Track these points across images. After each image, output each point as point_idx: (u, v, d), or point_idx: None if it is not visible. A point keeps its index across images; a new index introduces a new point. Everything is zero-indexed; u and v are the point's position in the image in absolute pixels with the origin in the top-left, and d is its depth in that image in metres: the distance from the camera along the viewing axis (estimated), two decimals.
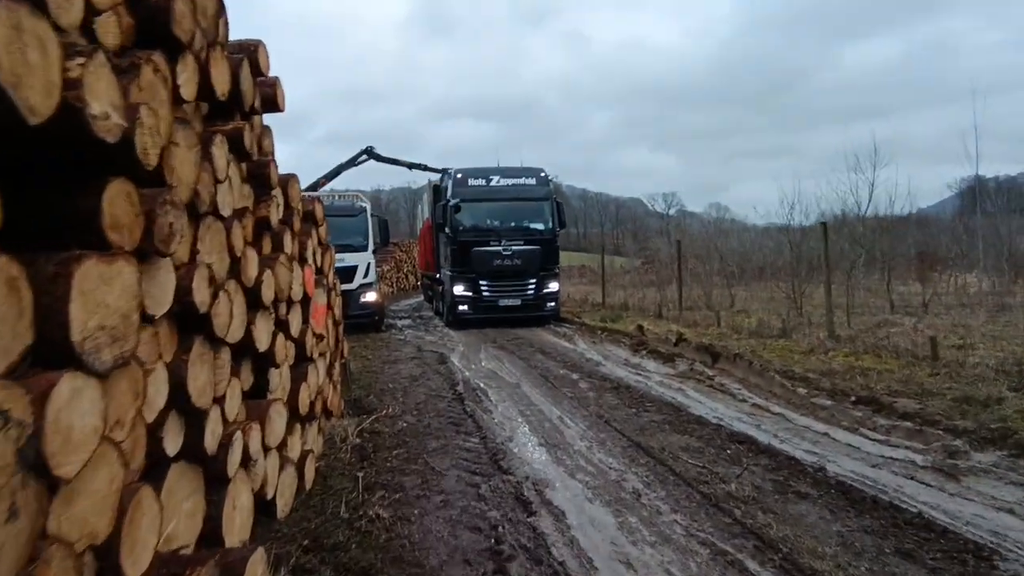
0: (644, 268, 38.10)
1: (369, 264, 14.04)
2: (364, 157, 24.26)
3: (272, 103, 4.25)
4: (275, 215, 3.94)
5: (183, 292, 2.56)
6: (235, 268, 3.19)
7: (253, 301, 3.42)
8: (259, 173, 3.84)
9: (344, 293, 14.03)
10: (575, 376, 8.17)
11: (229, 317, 2.92)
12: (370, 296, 13.91)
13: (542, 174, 14.76)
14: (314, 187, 21.72)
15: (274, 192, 4.00)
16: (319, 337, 5.02)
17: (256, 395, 3.68)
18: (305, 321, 4.69)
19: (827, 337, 8.70)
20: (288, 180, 4.56)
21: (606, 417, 6.05)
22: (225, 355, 3.02)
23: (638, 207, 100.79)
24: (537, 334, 12.80)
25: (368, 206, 14.76)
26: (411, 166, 25.31)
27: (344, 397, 6.64)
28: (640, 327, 11.40)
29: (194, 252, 2.73)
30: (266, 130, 4.31)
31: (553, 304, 14.52)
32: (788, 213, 15.59)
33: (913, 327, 9.26)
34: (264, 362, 3.71)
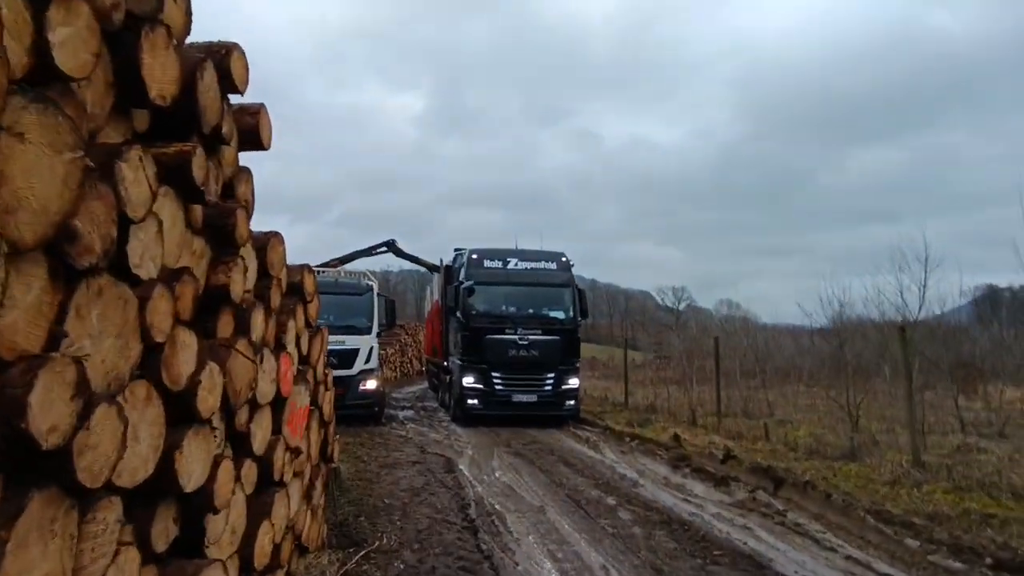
0: (659, 363, 36.64)
1: (372, 348, 12.82)
2: (384, 249, 23.06)
3: (253, 137, 3.20)
4: (239, 283, 2.77)
5: (13, 409, 1.38)
6: (151, 361, 1.99)
7: (184, 412, 2.20)
8: (221, 224, 2.71)
9: (342, 380, 12.78)
10: (611, 500, 6.70)
11: (118, 446, 1.68)
12: (371, 384, 12.58)
13: (563, 258, 13.77)
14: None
15: (242, 252, 2.85)
16: (295, 452, 3.72)
17: (188, 548, 2.39)
18: (277, 430, 3.43)
19: (911, 464, 7.27)
20: (269, 241, 3.43)
21: (667, 572, 4.59)
22: (109, 512, 1.76)
23: (646, 299, 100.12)
24: (556, 438, 11.32)
25: (375, 285, 13.72)
26: (432, 268, 24.02)
27: (327, 520, 5.23)
28: (676, 437, 9.95)
29: (54, 334, 1.53)
30: (243, 172, 3.23)
31: (573, 403, 13.10)
32: (825, 311, 14.38)
33: (1008, 456, 7.84)
34: (199, 504, 2.42)
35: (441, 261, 16.68)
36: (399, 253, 23.33)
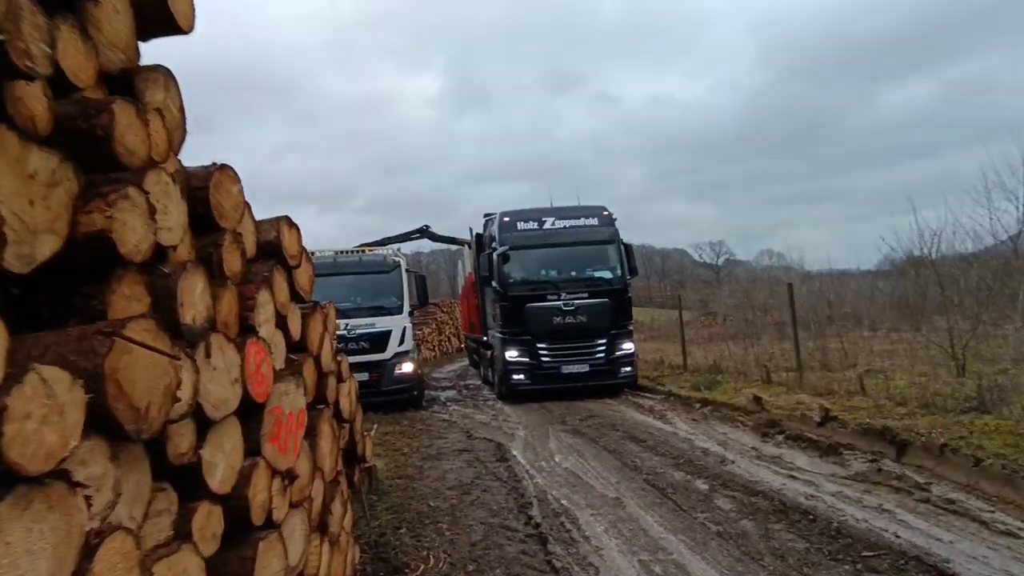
0: (705, 320, 35.06)
1: (405, 329, 11.81)
2: (417, 235, 22.02)
3: (161, 11, 2.06)
4: (136, 230, 1.63)
5: None
6: None
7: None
8: (87, 130, 1.59)
9: (375, 365, 11.85)
10: (701, 484, 5.53)
11: None
12: (407, 367, 11.60)
13: (605, 212, 12.44)
14: None
15: (148, 184, 1.72)
16: (288, 476, 2.64)
17: None
18: (255, 451, 2.34)
19: None
20: (212, 176, 2.30)
21: None
22: None
23: (683, 257, 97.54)
24: (616, 409, 10.18)
25: (403, 262, 12.63)
26: (468, 245, 22.87)
27: (359, 539, 4.21)
28: (757, 399, 8.70)
29: None
30: (153, 70, 2.10)
31: (629, 369, 11.90)
32: (919, 244, 12.74)
33: None
34: None
35: (471, 231, 15.53)
36: (434, 237, 22.24)
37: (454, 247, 25.74)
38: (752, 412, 8.47)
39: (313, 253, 13.00)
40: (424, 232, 22.07)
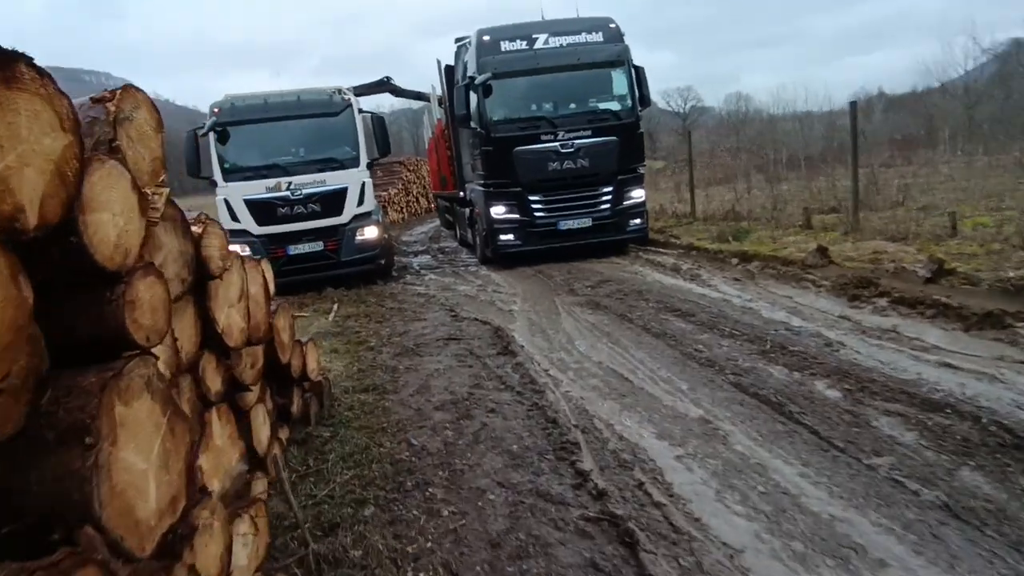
0: (679, 166, 32.96)
1: (364, 185, 9.41)
2: (378, 88, 18.24)
3: None
4: None
5: None
6: None
7: None
8: None
9: (330, 231, 9.53)
10: (824, 387, 3.64)
11: None
12: (370, 232, 9.37)
13: (611, 25, 9.66)
14: None
15: None
16: None
17: None
18: None
19: None
20: None
21: None
22: None
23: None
24: (632, 271, 8.23)
25: (356, 102, 9.87)
26: (440, 101, 19.04)
27: (290, 544, 2.28)
28: (822, 249, 6.76)
29: None
30: None
31: (639, 221, 9.83)
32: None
33: None
34: None
35: (439, 63, 12.51)
36: (396, 91, 18.39)
37: (417, 105, 22.19)
38: (816, 266, 6.59)
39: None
40: (385, 84, 18.30)
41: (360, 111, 9.70)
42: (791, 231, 8.98)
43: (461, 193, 11.63)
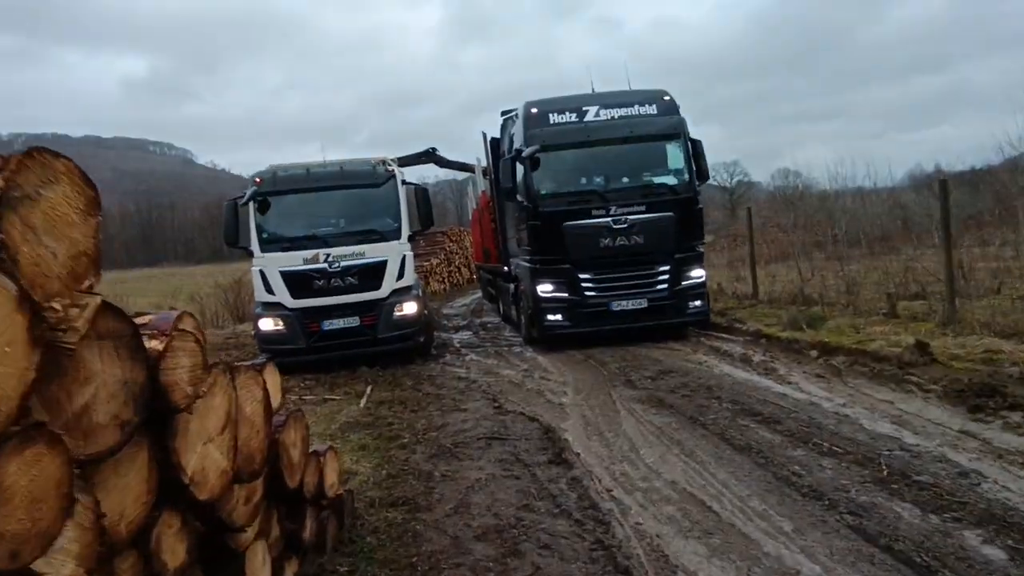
0: (732, 243, 32.18)
1: (405, 258, 8.99)
2: (424, 159, 18.25)
3: None
4: None
5: None
6: None
7: None
8: None
9: (368, 306, 8.98)
10: (982, 545, 2.82)
11: None
12: (409, 308, 8.86)
13: (666, 97, 9.28)
14: None
15: None
16: None
17: None
18: None
19: None
20: None
21: None
22: None
23: None
24: (696, 360, 7.42)
25: (399, 173, 9.61)
26: (486, 171, 18.59)
27: None
28: (922, 345, 5.89)
29: None
30: None
31: (700, 303, 9.08)
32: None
33: None
34: None
35: (484, 136, 12.34)
36: (441, 162, 18.32)
37: (461, 176, 22.09)
38: (915, 364, 5.70)
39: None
40: (430, 155, 18.21)
41: (404, 182, 9.42)
42: (874, 320, 8.08)
43: (506, 268, 11.14)
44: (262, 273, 8.56)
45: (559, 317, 8.92)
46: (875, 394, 5.33)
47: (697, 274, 9.03)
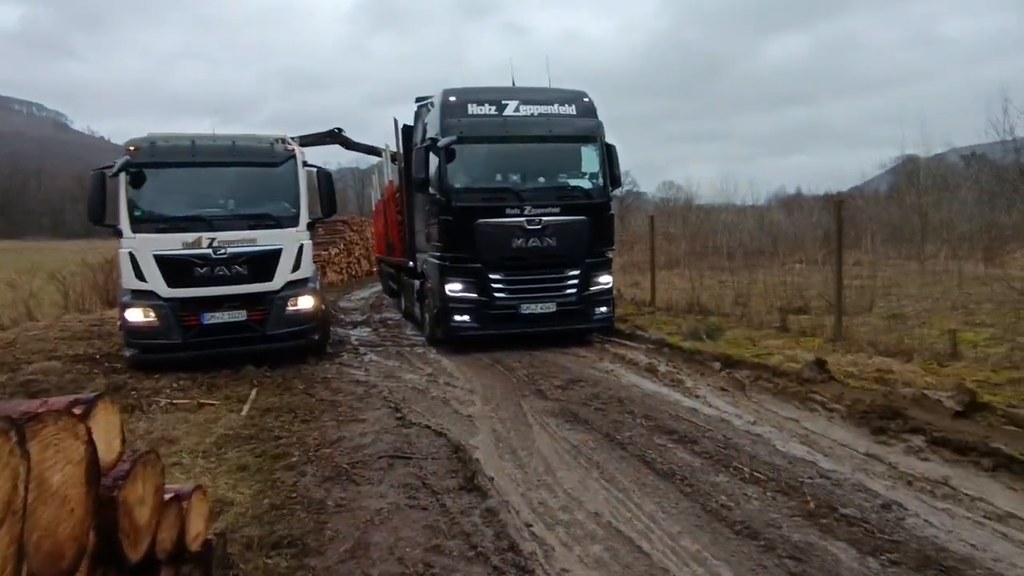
0: (623, 248, 33.22)
1: (302, 248, 8.23)
2: (328, 140, 16.90)
3: None
4: None
5: None
6: None
7: None
8: None
9: (257, 299, 7.84)
10: None
11: None
12: (305, 302, 8.12)
13: (585, 99, 9.10)
14: None
15: None
16: None
17: None
18: None
19: None
20: None
21: None
22: None
23: None
24: (604, 369, 7.28)
25: (301, 153, 8.78)
26: (395, 157, 17.41)
27: None
28: (820, 363, 6.04)
29: None
30: None
31: (606, 309, 9.01)
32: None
33: None
34: None
35: (396, 122, 11.62)
36: (348, 143, 17.09)
37: (364, 164, 20.92)
38: (814, 381, 5.83)
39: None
40: (336, 136, 16.96)
41: (305, 164, 8.62)
42: (767, 333, 8.33)
43: (411, 263, 10.57)
44: (132, 256, 7.50)
45: (467, 318, 8.52)
46: (780, 411, 5.37)
47: (605, 280, 8.95)
